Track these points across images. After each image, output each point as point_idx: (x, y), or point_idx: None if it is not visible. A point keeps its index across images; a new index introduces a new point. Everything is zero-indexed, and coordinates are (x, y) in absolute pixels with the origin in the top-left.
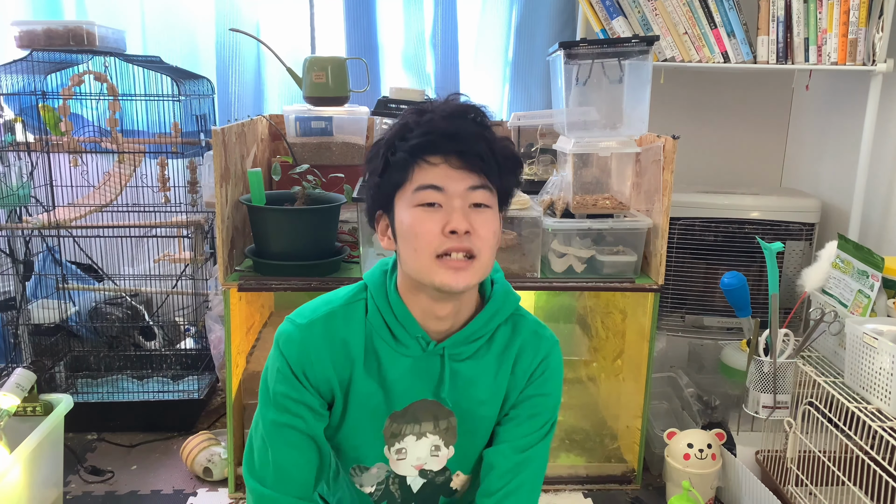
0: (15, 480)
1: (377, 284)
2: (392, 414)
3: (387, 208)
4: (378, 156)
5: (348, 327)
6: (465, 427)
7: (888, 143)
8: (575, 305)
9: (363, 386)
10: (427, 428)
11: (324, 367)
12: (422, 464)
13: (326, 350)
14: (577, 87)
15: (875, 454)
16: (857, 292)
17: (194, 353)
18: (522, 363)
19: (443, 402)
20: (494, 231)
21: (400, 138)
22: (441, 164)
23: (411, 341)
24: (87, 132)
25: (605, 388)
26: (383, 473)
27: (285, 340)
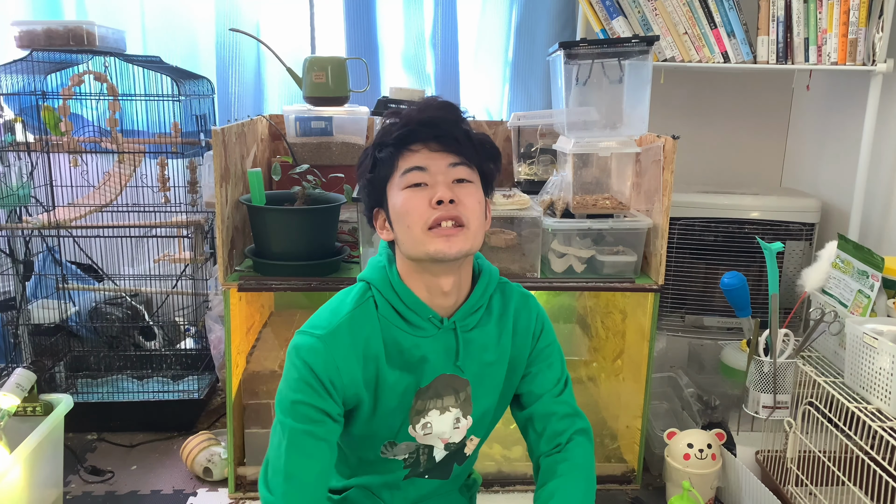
0: (15, 480)
1: (379, 280)
2: (417, 391)
3: (381, 202)
4: (367, 157)
5: (366, 327)
6: (478, 392)
7: (888, 143)
8: (575, 305)
9: (390, 378)
10: (449, 402)
11: (352, 373)
12: (447, 438)
13: (353, 355)
14: (577, 87)
15: (875, 454)
16: (857, 292)
17: (194, 353)
18: (521, 325)
19: (459, 373)
20: (479, 201)
21: (384, 136)
22: (422, 150)
23: (425, 323)
24: (87, 132)
25: (605, 388)
26: (413, 447)
27: (308, 351)
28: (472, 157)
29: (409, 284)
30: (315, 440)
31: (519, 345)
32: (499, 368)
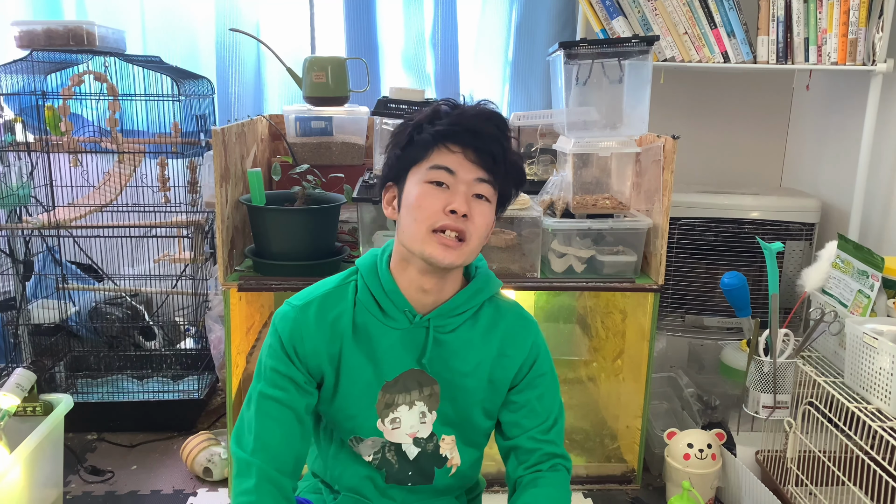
0: (15, 480)
1: (368, 265)
2: (384, 385)
3: (398, 180)
4: (404, 132)
5: (339, 305)
6: (447, 394)
7: (888, 143)
8: (575, 305)
9: (353, 359)
10: (415, 396)
11: (315, 345)
12: (414, 432)
13: (317, 328)
14: (577, 87)
15: (875, 454)
16: (857, 292)
17: (194, 353)
18: (511, 348)
19: (424, 369)
20: (488, 223)
21: (429, 121)
22: (458, 153)
23: (399, 314)
24: (87, 132)
25: (605, 388)
26: (379, 444)
27: (280, 319)
28: (499, 177)
29: (396, 275)
30: (280, 405)
31: (505, 366)
32: (475, 381)
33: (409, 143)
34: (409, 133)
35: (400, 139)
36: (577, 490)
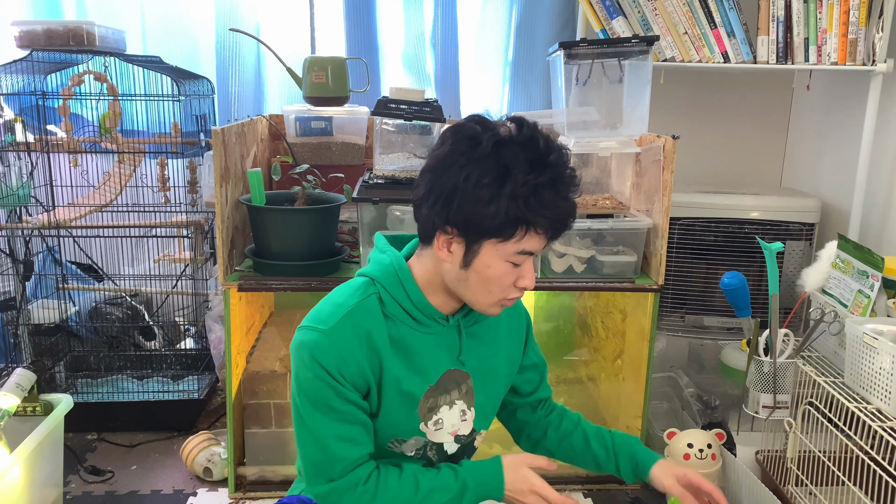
0: (15, 480)
1: (387, 278)
2: (427, 389)
3: (469, 235)
4: (489, 192)
5: (368, 321)
6: (479, 384)
7: (888, 143)
8: (575, 305)
9: (394, 371)
10: (455, 395)
11: (358, 363)
12: (456, 430)
13: (356, 347)
14: (577, 87)
15: (875, 454)
16: (857, 292)
17: (194, 353)
18: (517, 319)
19: (460, 366)
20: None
21: (525, 201)
22: (542, 235)
23: (430, 321)
24: (87, 132)
25: (605, 388)
26: (421, 443)
27: (314, 347)
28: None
29: (426, 292)
30: (348, 426)
31: (516, 339)
32: (497, 361)
33: (497, 215)
34: (506, 199)
35: (478, 195)
36: (577, 490)
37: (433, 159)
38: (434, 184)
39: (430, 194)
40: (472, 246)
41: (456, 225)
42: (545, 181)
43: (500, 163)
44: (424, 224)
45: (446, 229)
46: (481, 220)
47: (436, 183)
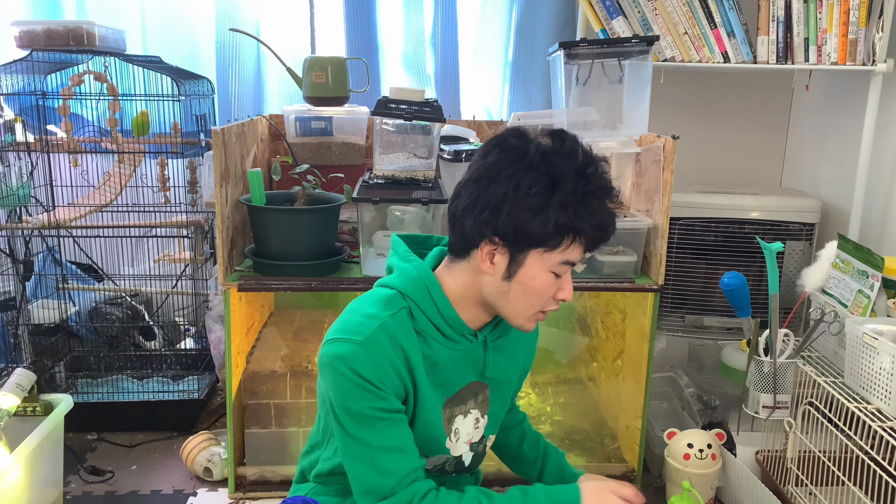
0: (15, 480)
1: (416, 293)
2: (446, 401)
3: (516, 245)
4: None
5: (402, 337)
6: (496, 393)
7: (888, 143)
8: (575, 305)
9: (427, 389)
10: (471, 405)
11: (398, 373)
12: (471, 439)
13: (395, 358)
14: (577, 87)
15: (875, 454)
16: (857, 292)
17: (194, 353)
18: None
19: (483, 379)
20: None
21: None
22: (582, 247)
23: (460, 337)
24: (87, 132)
25: (605, 388)
26: (443, 459)
27: (351, 358)
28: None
29: (457, 307)
30: (394, 434)
31: (529, 350)
32: (514, 371)
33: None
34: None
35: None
36: None
37: (478, 170)
38: (480, 194)
39: (476, 204)
40: (518, 256)
41: (504, 234)
42: (593, 190)
43: (549, 172)
44: (468, 235)
45: (493, 240)
46: (531, 228)
47: (482, 193)
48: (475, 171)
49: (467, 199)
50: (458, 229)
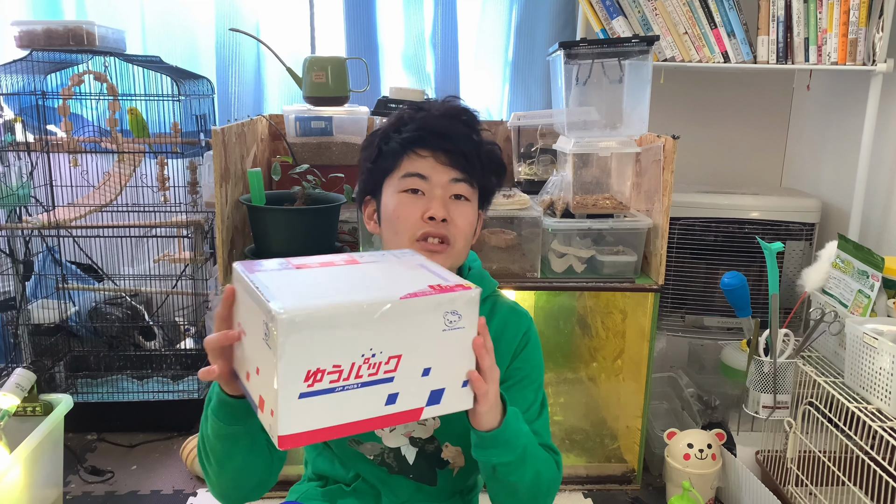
0: (15, 480)
1: None
2: None
3: (375, 193)
4: (373, 144)
5: None
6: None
7: (888, 143)
8: (575, 305)
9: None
10: None
11: None
12: (410, 431)
13: None
14: (577, 87)
15: (875, 454)
16: (857, 292)
17: (194, 353)
18: (506, 339)
19: None
20: (471, 222)
21: (395, 130)
22: (429, 157)
23: None
24: (87, 132)
25: (605, 388)
26: (378, 448)
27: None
28: (475, 173)
29: None
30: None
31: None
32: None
33: (379, 154)
34: (377, 144)
35: (370, 152)
36: (576, 490)
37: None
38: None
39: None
40: (378, 199)
41: (364, 193)
42: (405, 110)
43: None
44: (363, 212)
45: (364, 200)
46: (370, 171)
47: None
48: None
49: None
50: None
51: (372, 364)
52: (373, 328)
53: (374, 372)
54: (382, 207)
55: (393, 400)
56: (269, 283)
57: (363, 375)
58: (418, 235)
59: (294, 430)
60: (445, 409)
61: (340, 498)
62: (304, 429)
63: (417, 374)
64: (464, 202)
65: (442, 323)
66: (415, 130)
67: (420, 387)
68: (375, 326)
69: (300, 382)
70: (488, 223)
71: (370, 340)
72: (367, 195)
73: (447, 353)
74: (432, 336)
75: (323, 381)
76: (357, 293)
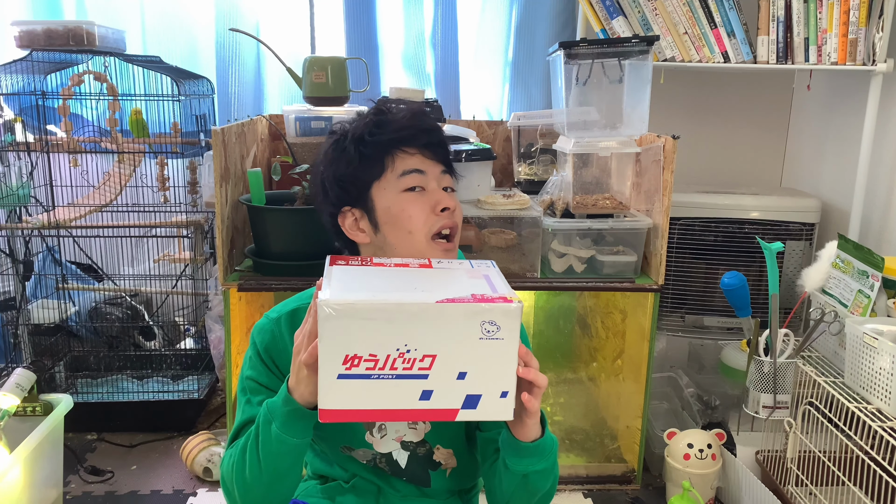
0: (15, 480)
1: None
2: None
3: (358, 202)
4: (345, 152)
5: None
6: None
7: (888, 143)
8: (575, 305)
9: None
10: None
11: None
12: (401, 436)
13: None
14: (577, 87)
15: (875, 454)
16: (857, 292)
17: (194, 353)
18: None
19: None
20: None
21: (370, 134)
22: (417, 154)
23: None
24: (87, 132)
25: (605, 388)
26: (370, 454)
27: (258, 332)
28: (452, 166)
29: None
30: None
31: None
32: None
33: (360, 159)
34: (355, 151)
35: (346, 159)
36: (576, 490)
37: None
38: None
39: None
40: (367, 206)
41: (340, 203)
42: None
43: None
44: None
45: (342, 211)
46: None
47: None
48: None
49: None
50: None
51: (407, 359)
52: (407, 325)
53: (408, 366)
54: (381, 212)
55: (427, 396)
56: (336, 275)
57: (398, 368)
58: (434, 230)
59: (333, 406)
60: (482, 416)
61: (339, 495)
62: (342, 406)
63: (452, 376)
64: (453, 192)
65: (479, 331)
66: (399, 130)
67: (455, 389)
68: (409, 324)
69: (339, 364)
70: (488, 223)
71: (405, 337)
72: (346, 206)
73: (484, 360)
74: (468, 342)
75: (360, 367)
76: (401, 292)
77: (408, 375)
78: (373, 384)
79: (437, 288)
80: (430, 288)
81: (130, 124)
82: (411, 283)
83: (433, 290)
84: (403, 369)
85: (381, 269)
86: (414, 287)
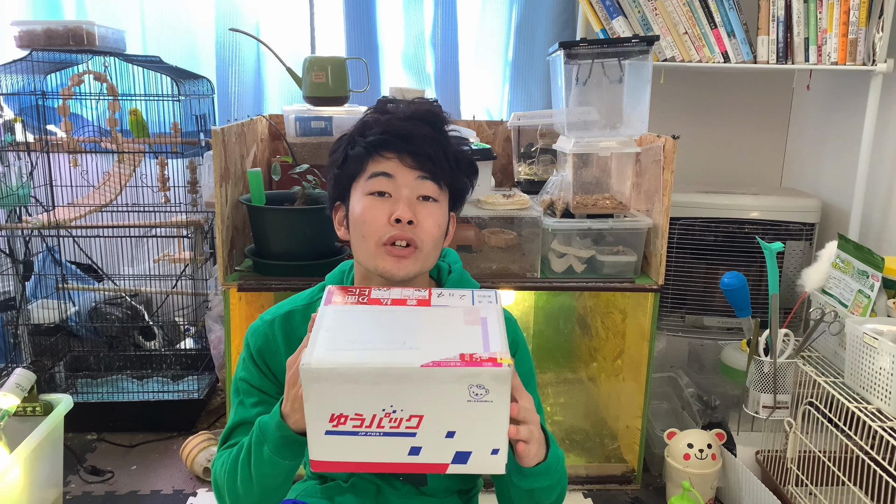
0: (15, 480)
1: (335, 282)
2: None
3: (343, 198)
4: (339, 149)
5: (305, 325)
6: None
7: (888, 143)
8: (575, 305)
9: None
10: None
11: (282, 361)
12: None
13: (285, 346)
14: (577, 87)
15: (875, 454)
16: (857, 292)
17: (194, 353)
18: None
19: None
20: (439, 224)
21: (360, 134)
22: (394, 158)
23: None
24: (86, 132)
25: (605, 388)
26: None
27: (251, 333)
28: (443, 174)
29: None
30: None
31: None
32: None
33: (346, 159)
34: (343, 149)
35: (337, 157)
36: (576, 490)
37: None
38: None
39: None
40: (347, 204)
41: (333, 199)
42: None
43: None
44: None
45: (335, 206)
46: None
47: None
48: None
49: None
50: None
51: (393, 418)
52: (392, 388)
53: (395, 425)
54: (350, 212)
55: (416, 452)
56: (327, 322)
57: (385, 426)
58: (385, 240)
59: (323, 459)
60: (474, 470)
61: (338, 495)
62: (332, 459)
63: (440, 435)
64: (432, 203)
65: (466, 394)
66: (378, 134)
67: (444, 446)
68: (395, 386)
69: (325, 422)
70: (488, 223)
71: (390, 398)
72: (337, 201)
73: (473, 421)
74: (456, 404)
75: (346, 425)
76: (389, 350)
77: (395, 433)
78: (361, 440)
79: (427, 342)
80: (420, 341)
81: (130, 124)
82: (401, 335)
83: (423, 344)
84: (390, 427)
85: (376, 308)
86: (403, 341)
